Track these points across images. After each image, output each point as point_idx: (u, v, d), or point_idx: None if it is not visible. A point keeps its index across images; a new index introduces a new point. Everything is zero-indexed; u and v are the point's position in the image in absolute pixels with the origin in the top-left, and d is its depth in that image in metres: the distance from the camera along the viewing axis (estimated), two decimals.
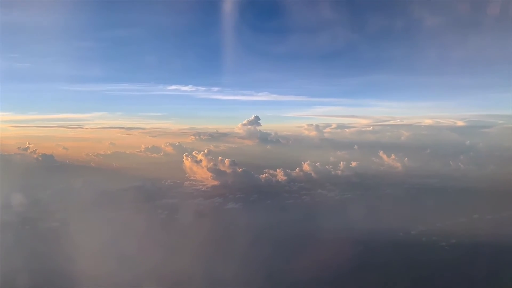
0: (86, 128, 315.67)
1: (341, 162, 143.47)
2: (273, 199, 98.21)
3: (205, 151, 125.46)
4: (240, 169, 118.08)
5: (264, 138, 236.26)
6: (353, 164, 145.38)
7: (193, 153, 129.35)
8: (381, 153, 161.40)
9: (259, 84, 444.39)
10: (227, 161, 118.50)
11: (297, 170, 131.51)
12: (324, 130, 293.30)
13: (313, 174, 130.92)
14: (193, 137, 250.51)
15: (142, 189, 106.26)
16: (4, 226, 69.96)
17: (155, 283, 51.30)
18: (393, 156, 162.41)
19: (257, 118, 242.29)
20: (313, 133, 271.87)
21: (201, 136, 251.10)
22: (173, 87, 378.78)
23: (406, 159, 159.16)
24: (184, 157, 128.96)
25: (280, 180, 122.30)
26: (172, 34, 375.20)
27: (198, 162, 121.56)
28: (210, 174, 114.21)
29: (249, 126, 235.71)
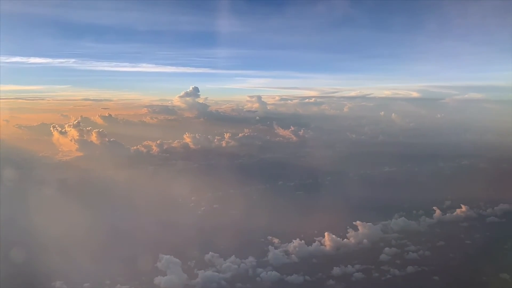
0: (48, 100, 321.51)
1: (227, 134, 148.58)
2: (119, 170, 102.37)
3: (74, 122, 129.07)
4: (108, 140, 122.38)
5: (203, 110, 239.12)
6: (240, 135, 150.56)
7: (65, 124, 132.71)
8: (275, 125, 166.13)
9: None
10: (94, 132, 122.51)
11: (176, 142, 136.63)
12: (267, 102, 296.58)
13: (191, 146, 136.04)
14: (146, 109, 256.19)
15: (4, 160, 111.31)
16: None
17: None
18: (292, 128, 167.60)
19: (195, 89, 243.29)
20: (256, 105, 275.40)
21: (154, 109, 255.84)
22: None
23: (302, 131, 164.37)
24: (51, 129, 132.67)
25: (152, 151, 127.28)
26: None
27: (64, 133, 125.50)
28: (75, 145, 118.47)
29: (187, 98, 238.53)
